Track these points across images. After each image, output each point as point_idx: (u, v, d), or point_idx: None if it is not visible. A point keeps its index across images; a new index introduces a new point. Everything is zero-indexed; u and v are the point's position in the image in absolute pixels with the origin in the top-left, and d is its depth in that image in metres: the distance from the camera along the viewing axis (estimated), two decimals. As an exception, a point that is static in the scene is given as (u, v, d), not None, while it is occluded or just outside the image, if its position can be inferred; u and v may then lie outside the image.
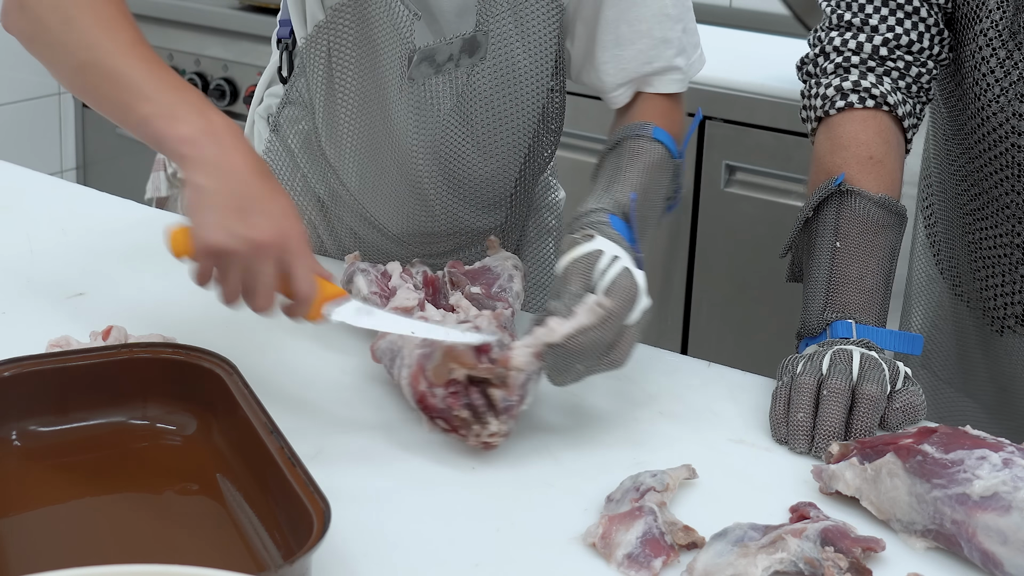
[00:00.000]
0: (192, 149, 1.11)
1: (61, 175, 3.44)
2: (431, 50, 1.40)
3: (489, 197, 1.55)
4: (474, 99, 1.45)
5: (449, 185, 1.51)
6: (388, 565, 0.99)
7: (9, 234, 1.61)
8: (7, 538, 0.98)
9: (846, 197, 1.34)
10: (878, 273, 1.31)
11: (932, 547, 1.04)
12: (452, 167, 1.50)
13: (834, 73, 1.41)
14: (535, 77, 1.46)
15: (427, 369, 1.14)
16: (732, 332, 2.60)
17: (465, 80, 1.43)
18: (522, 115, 1.49)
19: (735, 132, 2.52)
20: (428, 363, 1.14)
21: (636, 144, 1.37)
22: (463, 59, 1.42)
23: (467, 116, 1.46)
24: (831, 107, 1.40)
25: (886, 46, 1.39)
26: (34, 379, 1.09)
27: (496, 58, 1.44)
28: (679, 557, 1.01)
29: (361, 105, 1.46)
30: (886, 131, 1.38)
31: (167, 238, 1.13)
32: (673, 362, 1.38)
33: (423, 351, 1.16)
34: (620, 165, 1.35)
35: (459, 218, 1.55)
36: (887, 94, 1.38)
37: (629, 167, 1.34)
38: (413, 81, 1.41)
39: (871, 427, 1.17)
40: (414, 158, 1.47)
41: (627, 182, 1.31)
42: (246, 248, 1.08)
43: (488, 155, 1.50)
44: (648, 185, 1.33)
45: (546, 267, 1.70)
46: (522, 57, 1.44)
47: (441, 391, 1.13)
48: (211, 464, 1.07)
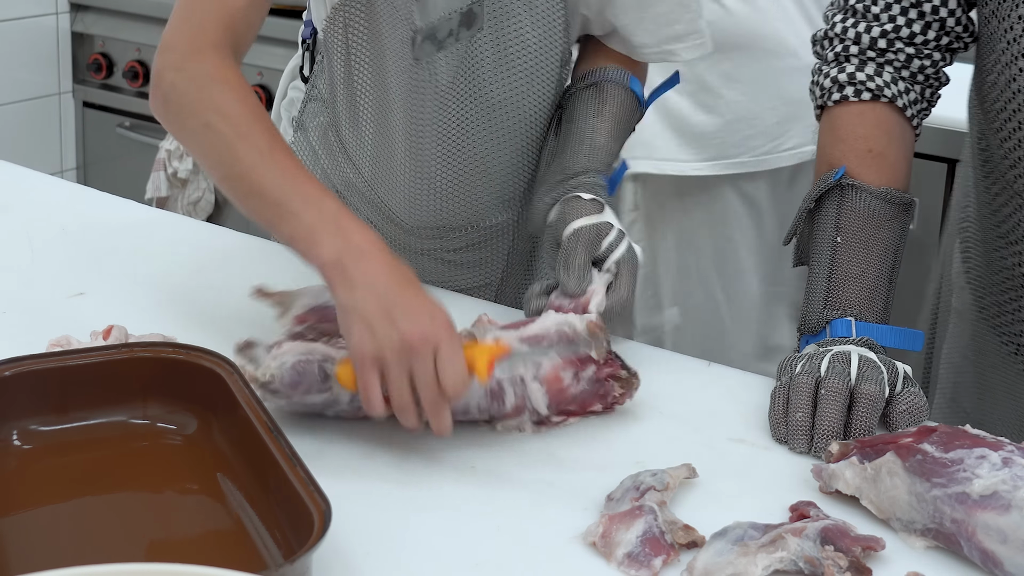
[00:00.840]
0: (334, 272, 1.14)
1: (61, 175, 3.44)
2: (432, 27, 1.42)
3: (505, 188, 1.56)
4: (480, 73, 1.46)
5: (462, 173, 1.52)
6: (388, 565, 0.99)
7: (9, 234, 1.61)
8: (7, 538, 0.98)
9: (847, 191, 1.33)
10: (880, 268, 1.31)
11: (932, 546, 1.04)
12: (465, 151, 1.50)
13: (834, 62, 1.39)
14: (546, 49, 1.47)
15: (579, 355, 1.18)
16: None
17: (465, 52, 1.44)
18: (536, 90, 1.49)
19: (735, 132, 2.51)
20: (573, 350, 1.18)
21: (614, 90, 1.48)
22: (462, 32, 1.44)
23: (476, 92, 1.47)
24: (828, 98, 1.38)
25: (885, 38, 1.36)
26: (34, 379, 1.09)
27: (498, 28, 1.45)
28: (679, 556, 1.01)
29: (376, 92, 1.47)
30: (886, 123, 1.36)
31: (334, 378, 1.14)
32: (673, 362, 1.38)
33: (548, 353, 1.18)
34: (602, 113, 1.46)
35: (473, 211, 1.55)
36: (884, 86, 1.36)
37: (609, 119, 1.46)
38: (418, 61, 1.43)
39: (870, 427, 1.17)
40: (425, 143, 1.48)
41: (609, 137, 1.44)
42: (399, 349, 1.09)
43: (503, 138, 1.51)
44: (620, 137, 1.48)
45: None
46: (529, 28, 1.45)
47: (591, 369, 1.19)
48: (211, 463, 1.07)
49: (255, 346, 1.16)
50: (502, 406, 1.17)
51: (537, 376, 1.18)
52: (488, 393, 1.16)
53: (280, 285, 1.33)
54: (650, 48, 1.51)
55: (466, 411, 1.16)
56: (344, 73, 1.48)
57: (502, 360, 1.16)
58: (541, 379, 1.18)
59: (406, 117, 1.47)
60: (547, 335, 1.19)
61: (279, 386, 1.13)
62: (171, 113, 1.29)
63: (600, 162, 1.42)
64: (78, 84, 3.45)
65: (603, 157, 1.43)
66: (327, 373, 1.14)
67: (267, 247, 1.62)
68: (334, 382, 1.14)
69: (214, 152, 1.25)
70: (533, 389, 1.17)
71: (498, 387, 1.16)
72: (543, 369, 1.18)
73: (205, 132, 1.25)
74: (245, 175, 1.21)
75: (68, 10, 3.43)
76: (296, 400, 1.14)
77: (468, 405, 1.15)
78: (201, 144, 1.27)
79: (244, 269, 1.52)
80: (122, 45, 3.35)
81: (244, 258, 1.57)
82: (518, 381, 1.17)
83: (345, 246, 1.14)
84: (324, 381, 1.14)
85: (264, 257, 1.58)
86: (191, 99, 1.26)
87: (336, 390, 1.14)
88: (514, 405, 1.17)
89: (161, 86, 1.30)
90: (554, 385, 1.18)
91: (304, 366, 1.13)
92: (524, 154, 1.54)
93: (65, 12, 3.43)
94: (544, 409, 1.18)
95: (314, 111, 1.58)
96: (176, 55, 1.29)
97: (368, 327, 1.10)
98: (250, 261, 1.56)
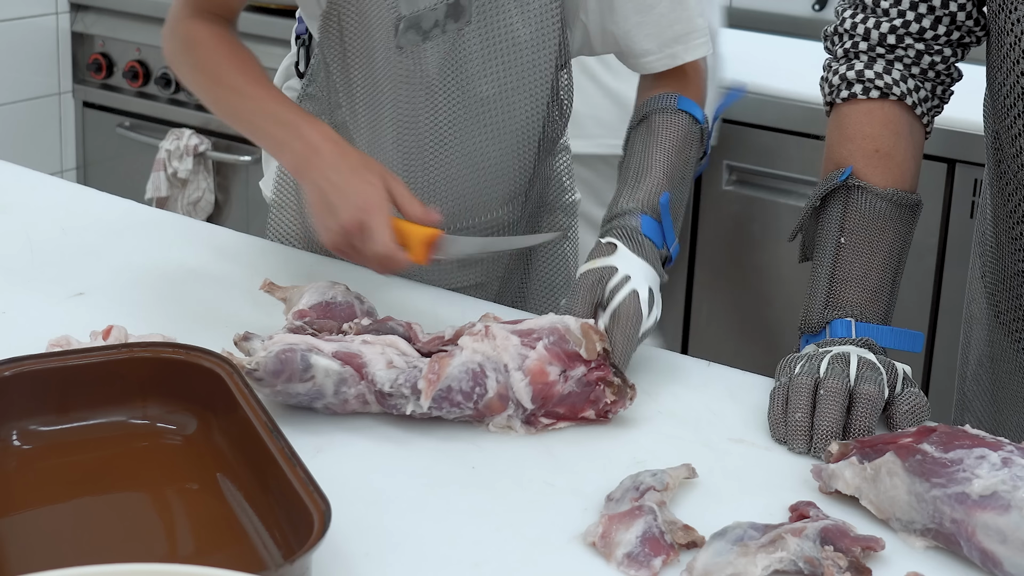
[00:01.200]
0: (298, 175, 1.37)
1: (61, 175, 3.44)
2: (416, 17, 1.42)
3: (498, 185, 1.56)
4: (468, 67, 1.46)
5: (451, 168, 1.52)
6: (388, 565, 0.99)
7: (9, 234, 1.61)
8: (7, 538, 0.98)
9: (852, 192, 1.32)
10: (883, 271, 1.30)
11: (931, 546, 1.04)
12: (454, 145, 1.50)
13: (844, 58, 1.38)
14: (538, 48, 1.47)
15: (567, 351, 1.19)
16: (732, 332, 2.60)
17: (452, 45, 1.44)
18: (528, 88, 1.49)
19: (735, 132, 2.52)
20: (561, 345, 1.19)
21: (663, 119, 1.43)
22: (449, 24, 1.44)
23: (464, 86, 1.47)
24: (837, 95, 1.38)
25: (894, 33, 1.35)
26: (34, 379, 1.09)
27: (487, 23, 1.45)
28: (679, 556, 1.01)
29: (368, 85, 1.48)
30: (894, 121, 1.35)
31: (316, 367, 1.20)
32: (673, 362, 1.38)
33: (536, 346, 1.18)
34: (648, 146, 1.41)
35: (464, 207, 1.55)
36: (893, 84, 1.35)
37: (658, 150, 1.41)
38: (401, 50, 1.43)
39: (869, 427, 1.17)
40: (414, 136, 1.49)
41: (658, 169, 1.39)
42: (341, 236, 1.29)
43: (494, 134, 1.50)
44: (676, 164, 1.42)
45: (558, 267, 1.71)
46: (520, 26, 1.45)
47: (581, 370, 1.19)
48: (211, 463, 1.07)
49: (252, 338, 1.20)
50: (484, 391, 1.17)
51: (521, 367, 1.18)
52: (469, 374, 1.17)
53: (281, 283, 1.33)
54: (655, 55, 1.49)
55: (449, 394, 1.16)
56: (340, 69, 1.49)
57: (439, 243, 1.29)
58: (525, 370, 1.18)
59: (395, 110, 1.48)
60: (537, 329, 1.20)
61: (263, 374, 1.15)
62: (173, 67, 1.54)
63: (638, 200, 1.36)
64: (78, 84, 3.45)
65: (642, 195, 1.36)
66: (309, 363, 1.15)
67: (267, 247, 1.62)
68: (317, 372, 1.15)
69: (207, 97, 1.49)
70: (516, 379, 1.18)
71: (480, 370, 1.17)
72: (528, 360, 1.18)
73: (196, 81, 1.50)
74: (232, 111, 1.46)
75: (68, 10, 3.43)
76: (280, 389, 1.16)
77: (450, 387, 1.16)
78: (199, 92, 1.51)
79: (244, 269, 1.52)
80: (122, 45, 3.35)
81: (244, 258, 1.57)
82: (501, 368, 1.18)
83: (303, 148, 1.35)
84: (306, 371, 1.15)
85: (264, 257, 1.58)
86: (183, 60, 1.51)
87: (319, 380, 1.15)
88: (497, 392, 1.17)
89: (165, 53, 1.54)
90: (539, 378, 1.18)
91: (287, 355, 1.15)
92: (518, 152, 1.54)
93: (65, 12, 3.43)
94: (528, 403, 1.18)
95: (309, 109, 1.57)
96: (168, 26, 1.52)
97: (322, 223, 1.32)
98: (250, 261, 1.56)
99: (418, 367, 1.17)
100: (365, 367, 1.17)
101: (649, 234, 1.33)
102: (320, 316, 1.26)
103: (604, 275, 1.27)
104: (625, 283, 1.26)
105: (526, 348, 1.18)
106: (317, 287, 1.29)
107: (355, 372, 1.17)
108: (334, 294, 1.28)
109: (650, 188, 1.37)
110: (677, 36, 1.49)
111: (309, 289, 1.29)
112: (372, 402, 1.18)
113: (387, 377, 1.16)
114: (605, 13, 1.48)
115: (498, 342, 1.18)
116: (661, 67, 1.50)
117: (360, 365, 1.17)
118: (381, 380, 1.16)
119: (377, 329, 1.23)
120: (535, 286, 1.70)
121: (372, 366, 1.17)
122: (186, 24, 1.49)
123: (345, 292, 1.29)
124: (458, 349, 1.19)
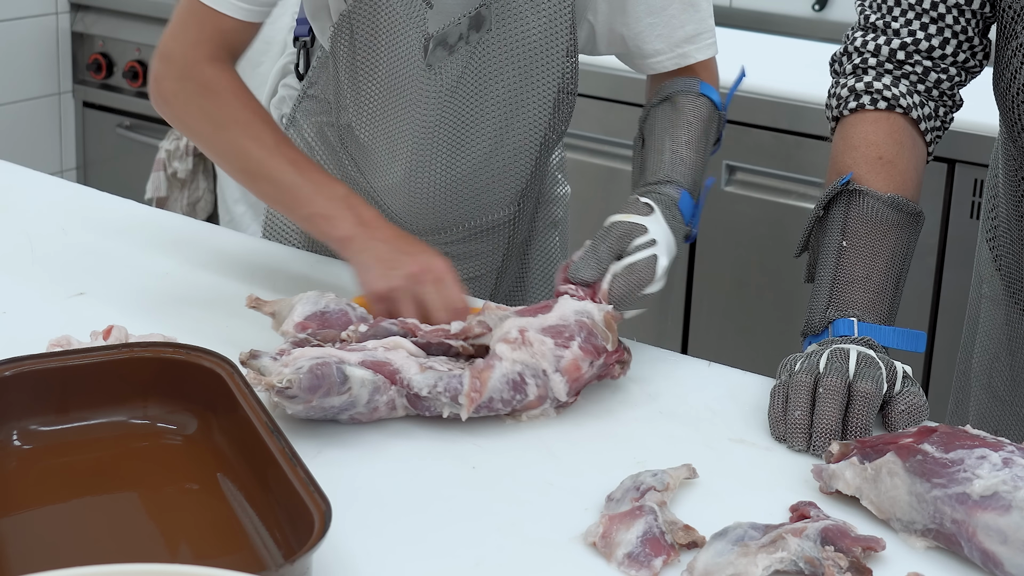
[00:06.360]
0: (351, 242, 1.36)
1: (61, 175, 3.44)
2: (443, 34, 1.43)
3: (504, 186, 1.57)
4: (485, 72, 1.47)
5: (463, 171, 1.52)
6: (388, 565, 0.99)
7: (9, 234, 1.61)
8: (7, 538, 0.98)
9: (854, 196, 1.33)
10: (885, 273, 1.31)
11: (932, 546, 1.04)
12: (465, 149, 1.51)
13: (852, 74, 1.41)
14: (550, 47, 1.47)
15: (596, 346, 1.22)
16: (732, 332, 2.60)
17: (472, 53, 1.45)
18: (538, 87, 1.49)
19: (735, 132, 2.52)
20: (591, 340, 1.22)
21: (687, 100, 1.47)
22: (471, 35, 1.44)
23: (479, 91, 1.48)
24: (844, 107, 1.39)
25: (903, 50, 1.38)
26: (34, 379, 1.09)
27: (505, 28, 1.45)
28: (679, 556, 1.01)
29: (382, 96, 1.48)
30: (898, 132, 1.37)
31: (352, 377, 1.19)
32: (673, 362, 1.38)
33: (571, 346, 1.21)
34: (677, 125, 1.45)
35: (471, 210, 1.56)
36: (901, 96, 1.37)
37: (686, 129, 1.45)
38: (431, 67, 1.44)
39: (867, 425, 1.17)
40: (428, 143, 1.49)
41: (690, 149, 1.43)
42: (404, 281, 1.31)
43: (503, 135, 1.51)
44: (704, 146, 1.46)
45: (552, 259, 1.72)
46: (534, 26, 1.45)
47: (603, 357, 1.23)
48: (212, 463, 1.07)
49: (260, 356, 1.18)
50: (524, 397, 1.20)
51: (559, 368, 1.20)
52: (510, 384, 1.19)
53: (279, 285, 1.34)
54: (665, 55, 1.50)
55: (490, 403, 1.18)
56: (349, 78, 1.49)
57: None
58: (562, 370, 1.21)
59: (411, 119, 1.48)
60: (568, 326, 1.22)
61: (297, 391, 1.12)
62: (176, 117, 1.45)
63: (681, 173, 1.41)
64: (78, 84, 3.45)
65: (683, 169, 1.41)
66: (346, 375, 1.14)
67: (267, 247, 1.62)
68: (353, 383, 1.14)
69: (228, 151, 1.42)
70: (555, 380, 1.21)
71: (520, 379, 1.19)
72: (564, 360, 1.21)
73: (217, 135, 1.41)
74: (258, 169, 1.39)
75: (68, 10, 3.43)
76: (315, 404, 1.14)
77: (492, 398, 1.18)
78: (214, 145, 1.43)
79: (244, 269, 1.52)
80: (122, 45, 3.35)
81: (244, 258, 1.57)
82: (540, 374, 1.20)
83: (357, 221, 1.35)
84: (343, 383, 1.14)
85: (263, 257, 1.58)
86: (196, 107, 1.41)
87: (356, 390, 1.15)
88: (537, 395, 1.20)
89: (162, 92, 1.43)
90: (573, 374, 1.21)
91: (322, 369, 1.13)
92: (523, 152, 1.54)
93: (65, 12, 3.43)
94: (564, 396, 1.22)
95: (311, 109, 1.59)
96: (175, 67, 1.41)
97: (381, 268, 1.32)
98: (250, 261, 1.56)
99: (458, 376, 1.18)
100: (398, 372, 1.17)
101: (683, 209, 1.38)
102: (320, 327, 1.25)
103: (633, 231, 1.30)
104: (650, 246, 1.30)
105: (560, 348, 1.21)
106: (307, 298, 1.28)
107: (386, 379, 1.17)
108: (326, 303, 1.28)
109: (691, 165, 1.42)
110: (688, 36, 1.50)
111: (299, 301, 1.28)
112: (400, 407, 1.18)
113: (424, 382, 1.17)
114: (615, 15, 1.49)
115: (535, 348, 1.20)
116: (671, 66, 1.52)
117: (392, 372, 1.17)
118: (418, 384, 1.17)
119: (375, 334, 1.23)
120: (532, 279, 1.71)
121: (406, 371, 1.17)
122: (202, 69, 1.40)
123: (336, 300, 1.29)
124: (496, 359, 1.20)
